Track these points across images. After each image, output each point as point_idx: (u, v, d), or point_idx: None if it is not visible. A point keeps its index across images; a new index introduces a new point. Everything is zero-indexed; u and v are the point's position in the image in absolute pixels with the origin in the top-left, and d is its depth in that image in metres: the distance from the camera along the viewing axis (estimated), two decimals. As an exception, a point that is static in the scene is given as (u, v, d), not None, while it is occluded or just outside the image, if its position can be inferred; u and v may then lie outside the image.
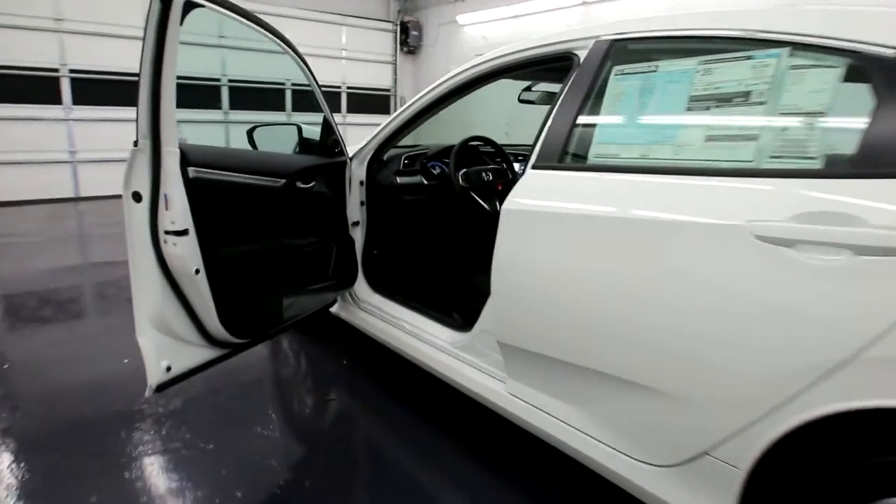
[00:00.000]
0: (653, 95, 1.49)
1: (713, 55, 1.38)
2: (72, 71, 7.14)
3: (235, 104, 8.30)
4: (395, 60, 10.42)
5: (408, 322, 2.35)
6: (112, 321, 3.22)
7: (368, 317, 2.53)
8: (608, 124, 1.62)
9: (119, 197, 1.62)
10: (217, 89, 8.19)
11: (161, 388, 1.70)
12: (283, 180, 2.04)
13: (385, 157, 2.61)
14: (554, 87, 2.89)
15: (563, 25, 7.98)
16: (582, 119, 1.66)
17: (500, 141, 2.85)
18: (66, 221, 6.29)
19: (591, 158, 1.59)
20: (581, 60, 1.71)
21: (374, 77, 10.33)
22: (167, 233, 1.64)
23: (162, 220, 1.64)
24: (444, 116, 2.38)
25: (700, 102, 1.38)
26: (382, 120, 2.48)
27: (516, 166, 2.78)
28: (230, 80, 8.22)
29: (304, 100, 9.46)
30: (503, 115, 4.15)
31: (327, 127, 2.31)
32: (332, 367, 2.71)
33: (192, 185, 1.67)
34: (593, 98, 1.66)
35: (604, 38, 1.67)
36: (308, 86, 2.19)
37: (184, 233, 1.65)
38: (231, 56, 8.04)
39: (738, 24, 1.37)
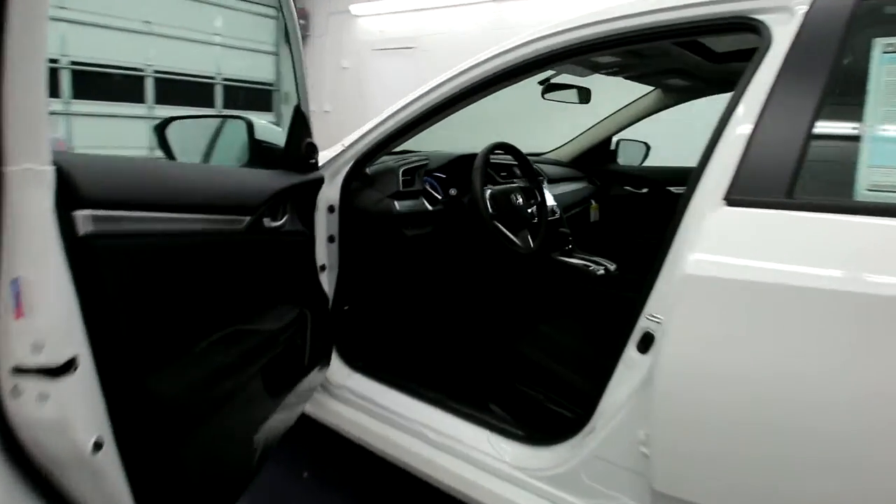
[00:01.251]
0: None
1: None
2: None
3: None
4: (278, 51, 9.28)
5: (422, 423, 1.55)
6: None
7: (348, 411, 1.70)
8: (887, 136, 0.96)
9: None
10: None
11: None
12: (247, 217, 1.15)
13: (370, 172, 1.76)
14: (576, 81, 2.21)
15: (473, 24, 7.43)
16: (825, 126, 1.00)
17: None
18: None
19: (861, 191, 0.93)
20: (797, 27, 1.05)
21: (255, 68, 9.11)
22: (19, 372, 0.70)
23: (6, 344, 0.70)
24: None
25: None
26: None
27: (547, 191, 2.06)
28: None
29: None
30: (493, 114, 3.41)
31: (299, 123, 1.43)
32: (286, 484, 1.81)
33: (85, 254, 0.75)
34: (838, 89, 1.01)
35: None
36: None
37: (66, 369, 0.72)
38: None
39: None
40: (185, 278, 0.99)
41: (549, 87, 2.16)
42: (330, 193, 1.69)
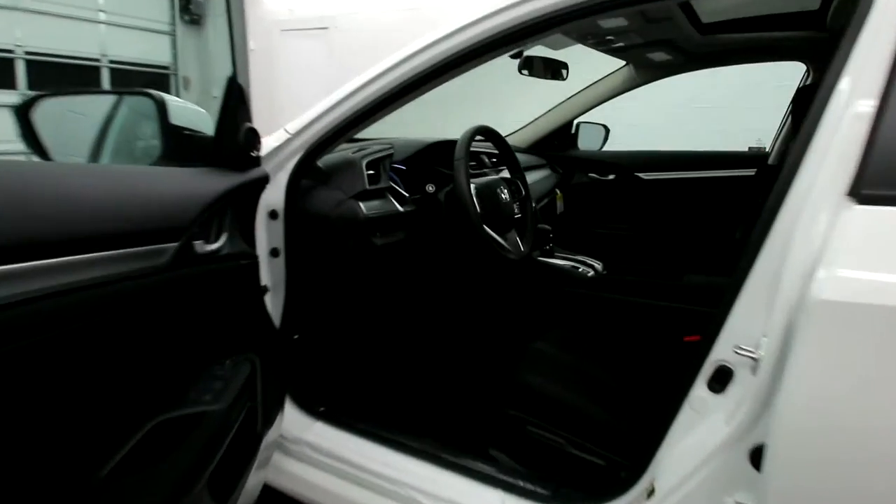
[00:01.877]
0: None
1: None
2: None
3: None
4: (174, 31, 8.41)
5: (411, 485, 1.22)
6: None
7: (310, 472, 1.35)
8: None
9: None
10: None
11: None
12: (171, 245, 0.75)
13: (323, 166, 1.38)
14: (550, 54, 1.91)
15: (394, 3, 7.02)
16: None
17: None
18: None
19: None
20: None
21: (148, 50, 8.19)
22: None
23: None
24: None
25: None
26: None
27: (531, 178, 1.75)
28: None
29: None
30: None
31: (235, 101, 1.03)
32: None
33: None
34: None
35: None
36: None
37: None
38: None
39: None
40: (67, 371, 0.59)
41: (526, 62, 1.85)
42: (271, 195, 1.29)
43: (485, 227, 1.40)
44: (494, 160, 2.09)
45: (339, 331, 1.51)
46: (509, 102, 2.91)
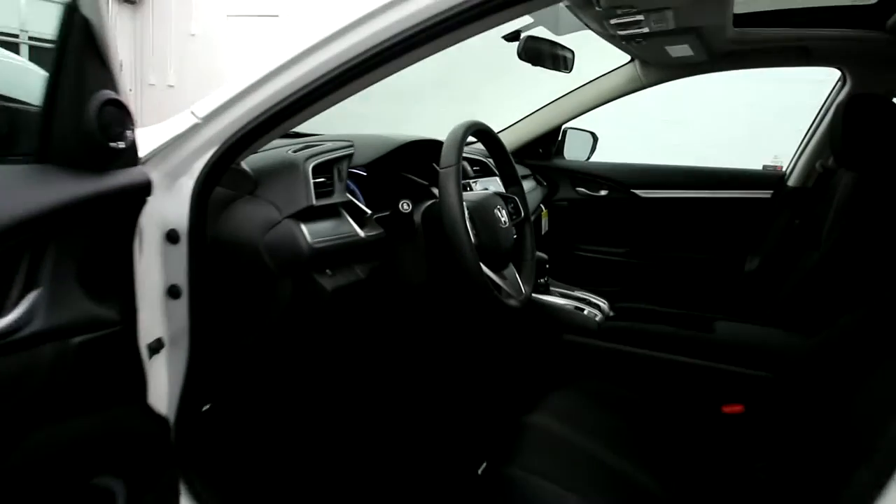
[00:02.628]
0: None
1: None
2: None
3: None
4: (107, 10, 7.68)
5: None
6: None
7: None
8: None
9: None
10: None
11: None
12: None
13: (250, 169, 0.95)
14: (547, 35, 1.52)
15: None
16: None
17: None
18: None
19: None
20: None
21: (75, 27, 7.44)
22: None
23: None
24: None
25: None
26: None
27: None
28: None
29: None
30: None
31: (79, 54, 0.58)
32: None
33: None
34: None
35: None
36: None
37: None
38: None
39: None
40: None
41: (527, 46, 1.45)
42: (169, 209, 0.86)
43: (483, 267, 0.99)
44: (478, 168, 1.69)
45: (269, 402, 1.07)
46: (493, 98, 2.51)
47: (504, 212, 1.16)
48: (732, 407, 1.30)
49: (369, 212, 1.11)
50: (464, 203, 1.02)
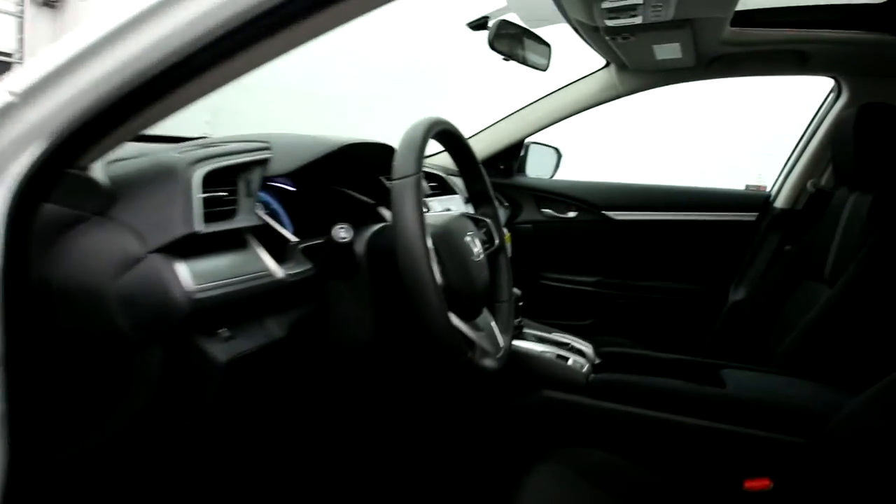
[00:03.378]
0: None
1: None
2: None
3: None
4: (23, 13, 7.17)
5: None
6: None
7: None
8: None
9: None
10: None
11: None
12: None
13: (104, 177, 0.62)
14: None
15: None
16: None
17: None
18: None
19: None
20: None
21: (-17, 32, 6.86)
22: None
23: None
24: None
25: None
26: None
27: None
28: None
29: None
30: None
31: None
32: None
33: None
34: None
35: None
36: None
37: None
38: None
39: None
40: None
41: (502, 35, 1.18)
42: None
43: (454, 317, 0.70)
44: (435, 185, 1.40)
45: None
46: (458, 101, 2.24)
47: (477, 240, 0.87)
48: (757, 481, 1.04)
49: (294, 239, 0.80)
50: (426, 229, 0.73)
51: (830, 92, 1.69)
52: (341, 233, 0.76)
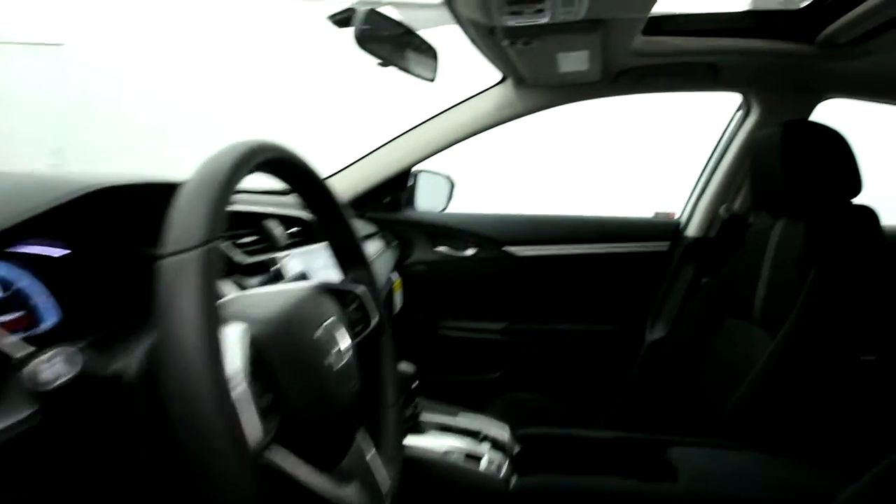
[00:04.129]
0: None
1: None
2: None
3: None
4: None
5: None
6: None
7: None
8: None
9: None
10: None
11: None
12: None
13: None
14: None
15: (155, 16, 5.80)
16: None
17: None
18: None
19: None
20: None
21: None
22: None
23: None
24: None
25: None
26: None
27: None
28: None
29: None
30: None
31: None
32: None
33: None
34: None
35: None
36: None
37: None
38: None
39: None
40: None
41: (370, 29, 0.89)
42: None
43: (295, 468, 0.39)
44: (297, 230, 1.07)
45: None
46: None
47: (339, 331, 0.56)
48: None
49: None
50: (245, 332, 0.41)
51: (738, 109, 1.57)
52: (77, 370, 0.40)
